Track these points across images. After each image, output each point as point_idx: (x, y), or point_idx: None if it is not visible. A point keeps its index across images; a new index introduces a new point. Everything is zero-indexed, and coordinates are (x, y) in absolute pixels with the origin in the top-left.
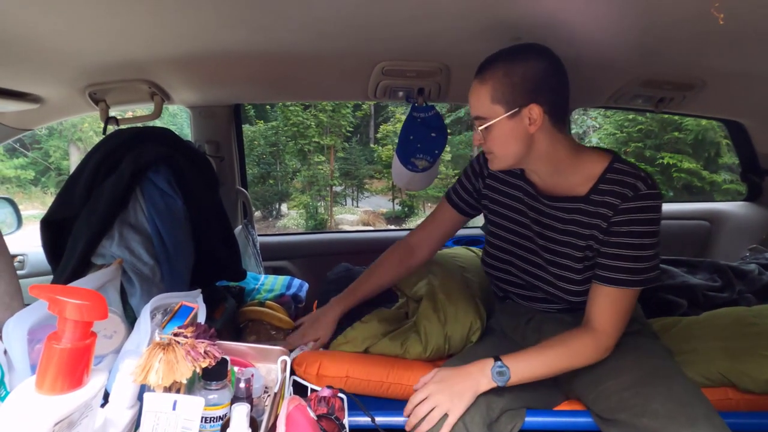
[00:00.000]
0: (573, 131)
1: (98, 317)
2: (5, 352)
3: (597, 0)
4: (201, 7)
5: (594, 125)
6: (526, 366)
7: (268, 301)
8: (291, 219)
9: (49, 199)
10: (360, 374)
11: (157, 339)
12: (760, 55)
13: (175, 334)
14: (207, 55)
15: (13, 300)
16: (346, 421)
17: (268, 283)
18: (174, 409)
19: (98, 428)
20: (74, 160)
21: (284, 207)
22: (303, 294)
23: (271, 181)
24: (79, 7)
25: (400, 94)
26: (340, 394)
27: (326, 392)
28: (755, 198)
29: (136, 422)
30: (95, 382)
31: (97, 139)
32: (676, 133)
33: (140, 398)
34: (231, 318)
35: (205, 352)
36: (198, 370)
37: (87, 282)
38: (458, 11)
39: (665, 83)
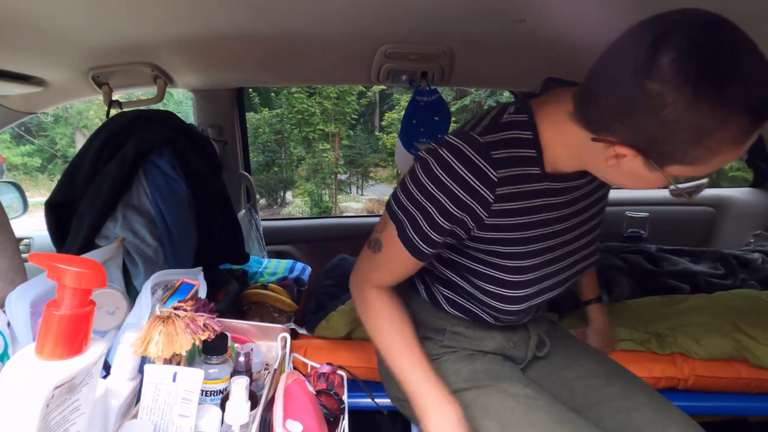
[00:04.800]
0: None
1: (97, 285)
2: (8, 324)
3: None
4: None
5: None
6: None
7: (271, 284)
8: (296, 207)
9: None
10: (344, 361)
11: (158, 313)
12: None
13: (175, 308)
14: (210, 38)
15: (16, 275)
16: (345, 397)
17: (271, 267)
18: (174, 380)
19: (100, 398)
20: (80, 147)
21: (289, 195)
22: (305, 277)
23: (275, 169)
24: None
25: (404, 77)
26: (339, 371)
27: (326, 368)
28: (761, 184)
29: (137, 394)
30: (95, 350)
31: None
32: None
33: (141, 371)
34: (234, 300)
35: (204, 325)
36: (197, 342)
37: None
38: None
39: None
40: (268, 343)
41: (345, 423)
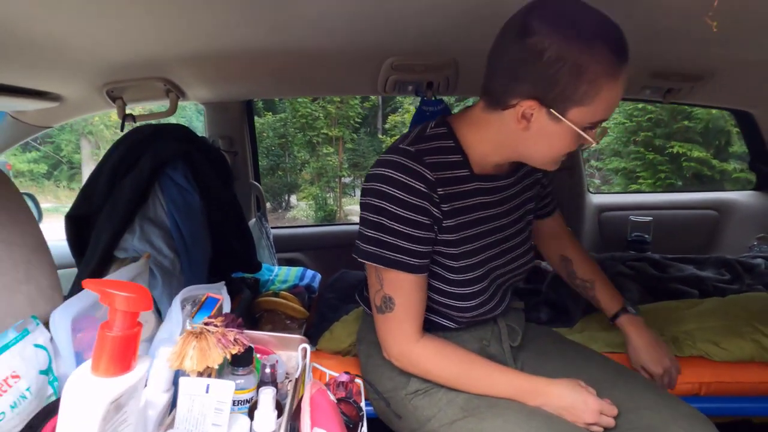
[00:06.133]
0: None
1: (144, 308)
2: (51, 339)
3: None
4: (218, 7)
5: None
6: None
7: (282, 292)
8: (300, 210)
9: (61, 193)
10: (353, 369)
11: (189, 328)
12: None
13: (206, 324)
14: (222, 53)
15: (54, 292)
16: (363, 404)
17: (281, 274)
18: (207, 392)
19: (141, 409)
20: (85, 153)
21: (293, 198)
22: (316, 285)
23: (280, 173)
24: (100, 9)
25: (410, 87)
26: (357, 380)
27: (344, 377)
28: (764, 187)
29: (171, 404)
30: (141, 367)
31: (107, 133)
32: (686, 122)
33: (174, 382)
34: (247, 308)
35: (234, 339)
36: (228, 356)
37: (119, 276)
38: (467, 6)
39: (673, 74)
40: (288, 353)
41: (364, 429)
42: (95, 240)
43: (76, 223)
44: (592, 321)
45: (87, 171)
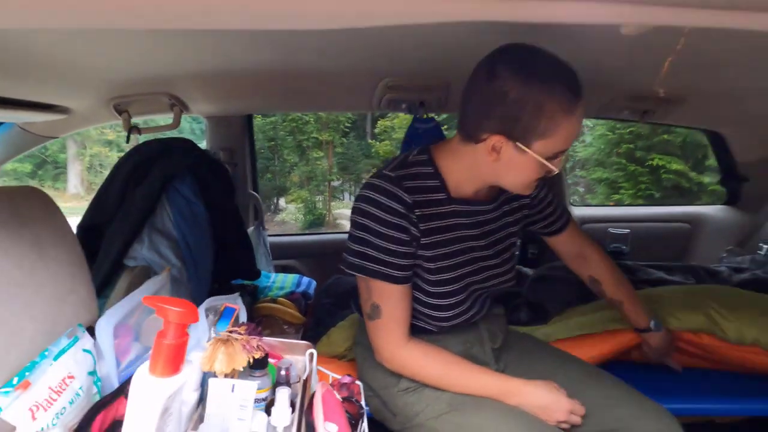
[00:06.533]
0: None
1: (191, 321)
2: (94, 344)
3: (590, 28)
4: (223, 31)
5: (587, 124)
6: None
7: (279, 298)
8: (289, 213)
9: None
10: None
11: (215, 335)
12: (734, 75)
13: (231, 332)
14: (226, 72)
15: (92, 302)
16: (363, 403)
17: (279, 281)
18: (233, 391)
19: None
20: (71, 153)
21: (282, 201)
22: (312, 291)
23: (269, 176)
24: (111, 30)
25: (403, 105)
26: (358, 382)
27: (347, 379)
28: (734, 202)
29: (198, 402)
30: (187, 370)
31: (93, 132)
32: (665, 136)
33: (201, 384)
34: (247, 314)
35: (257, 345)
36: (251, 360)
37: (146, 289)
38: (459, 37)
39: (648, 98)
40: (294, 357)
41: (365, 425)
42: (106, 248)
43: (88, 233)
44: (566, 314)
45: (72, 171)
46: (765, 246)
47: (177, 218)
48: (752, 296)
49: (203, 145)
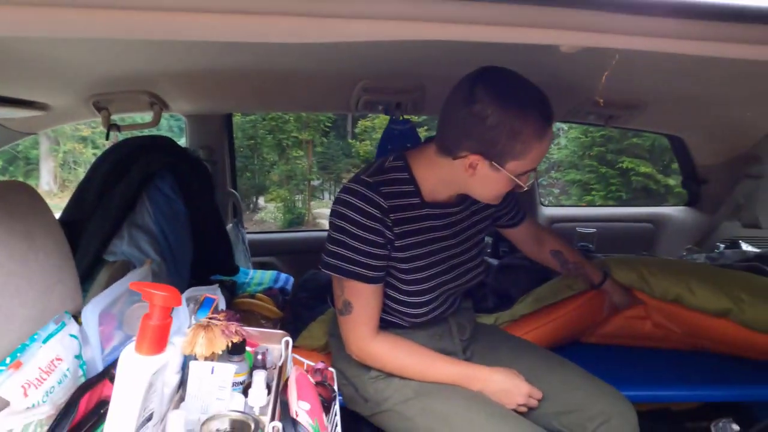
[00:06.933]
0: None
1: (175, 304)
2: (79, 330)
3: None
4: None
5: (562, 127)
6: None
7: (258, 294)
8: (268, 212)
9: None
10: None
11: (196, 321)
12: (692, 83)
13: (211, 318)
14: (205, 71)
15: (77, 293)
16: (335, 387)
17: (257, 277)
18: (212, 373)
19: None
20: (44, 149)
21: (261, 200)
22: (289, 287)
23: (248, 174)
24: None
25: (380, 107)
26: (330, 369)
27: (320, 365)
28: (694, 204)
29: (179, 384)
30: (171, 350)
31: (67, 128)
32: (635, 139)
33: (182, 367)
34: (225, 305)
35: (235, 330)
36: (229, 344)
37: (129, 279)
38: (431, 43)
39: (612, 104)
40: (271, 345)
41: (336, 407)
42: (86, 244)
43: (66, 229)
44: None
45: (45, 168)
46: (721, 245)
47: (157, 215)
48: (728, 272)
49: (182, 142)
